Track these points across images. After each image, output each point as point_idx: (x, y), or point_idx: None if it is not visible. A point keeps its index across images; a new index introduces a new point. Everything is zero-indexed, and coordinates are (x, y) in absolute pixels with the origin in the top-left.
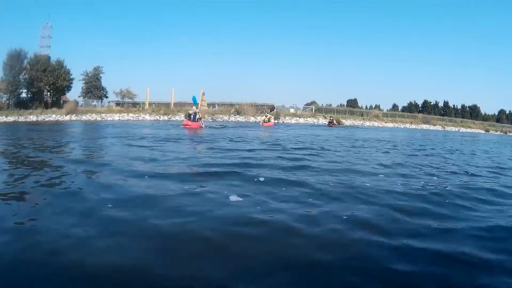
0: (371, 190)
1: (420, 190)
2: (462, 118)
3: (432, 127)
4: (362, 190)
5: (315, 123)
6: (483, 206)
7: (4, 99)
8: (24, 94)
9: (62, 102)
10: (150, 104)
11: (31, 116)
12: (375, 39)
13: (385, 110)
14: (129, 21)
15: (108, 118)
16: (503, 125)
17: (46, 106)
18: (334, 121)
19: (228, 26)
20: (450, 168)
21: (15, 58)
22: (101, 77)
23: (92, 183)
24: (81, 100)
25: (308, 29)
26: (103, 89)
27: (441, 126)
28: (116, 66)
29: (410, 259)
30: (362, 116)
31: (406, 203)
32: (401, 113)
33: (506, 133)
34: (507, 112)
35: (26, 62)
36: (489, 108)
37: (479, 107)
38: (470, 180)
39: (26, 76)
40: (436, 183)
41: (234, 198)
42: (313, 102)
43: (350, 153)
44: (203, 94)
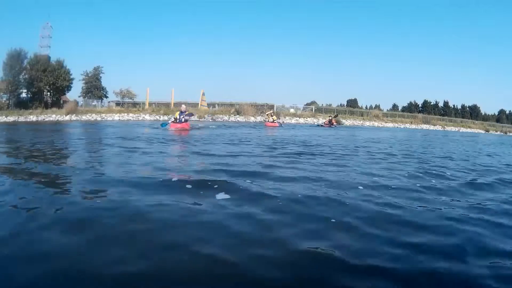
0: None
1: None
2: (462, 118)
3: (432, 127)
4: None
5: (315, 123)
6: None
7: (4, 99)
8: (24, 94)
9: (62, 102)
10: (150, 104)
11: (31, 116)
12: (375, 39)
13: (385, 110)
14: (129, 21)
15: (108, 118)
16: (503, 125)
17: (46, 106)
18: (333, 121)
19: (228, 26)
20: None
21: (15, 58)
22: (101, 77)
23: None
24: (81, 100)
25: (308, 29)
26: (103, 89)
27: (441, 126)
28: (116, 66)
29: None
30: (362, 116)
31: None
32: (401, 113)
33: (506, 133)
34: (507, 112)
35: (26, 62)
36: (489, 108)
37: (479, 107)
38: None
39: (26, 76)
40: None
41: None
42: (313, 102)
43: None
44: (203, 94)
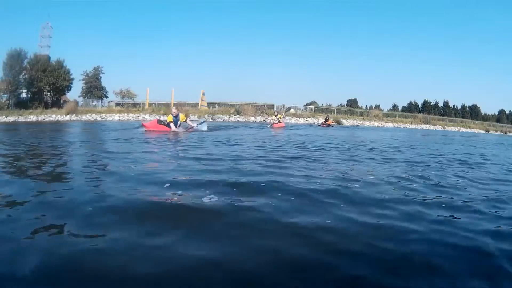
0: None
1: None
2: (462, 118)
3: (432, 127)
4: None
5: (315, 123)
6: None
7: (4, 99)
8: (24, 94)
9: (62, 102)
10: (150, 104)
11: (31, 116)
12: (375, 39)
13: (385, 110)
14: (129, 21)
15: (108, 118)
16: (503, 125)
17: (46, 106)
18: (329, 121)
19: (228, 26)
20: None
21: (15, 58)
22: (101, 77)
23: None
24: (81, 100)
25: (308, 29)
26: (103, 89)
27: (441, 126)
28: (116, 66)
29: None
30: (362, 116)
31: None
32: (401, 113)
33: (506, 133)
34: (507, 112)
35: (26, 62)
36: (489, 108)
37: (479, 107)
38: None
39: (26, 76)
40: None
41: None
42: (313, 102)
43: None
44: (203, 94)
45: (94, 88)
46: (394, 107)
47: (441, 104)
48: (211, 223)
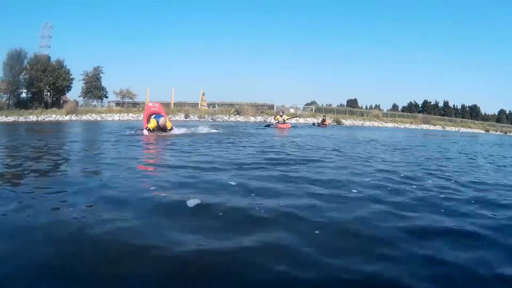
0: None
1: None
2: (462, 118)
3: (432, 127)
4: None
5: (315, 124)
6: None
7: (4, 99)
8: (24, 94)
9: (62, 102)
10: None
11: (31, 116)
12: (375, 39)
13: (385, 110)
14: (129, 21)
15: (108, 118)
16: (503, 125)
17: (46, 106)
18: (326, 121)
19: (228, 26)
20: None
21: (15, 58)
22: (101, 77)
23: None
24: (81, 100)
25: (308, 29)
26: (103, 89)
27: (441, 126)
28: (116, 66)
29: None
30: (362, 116)
31: None
32: (401, 113)
33: (506, 133)
34: (507, 112)
35: (26, 62)
36: (489, 108)
37: (479, 107)
38: None
39: (26, 76)
40: None
41: None
42: (313, 102)
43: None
44: (203, 94)
45: (94, 88)
46: (394, 107)
47: (441, 104)
48: None
